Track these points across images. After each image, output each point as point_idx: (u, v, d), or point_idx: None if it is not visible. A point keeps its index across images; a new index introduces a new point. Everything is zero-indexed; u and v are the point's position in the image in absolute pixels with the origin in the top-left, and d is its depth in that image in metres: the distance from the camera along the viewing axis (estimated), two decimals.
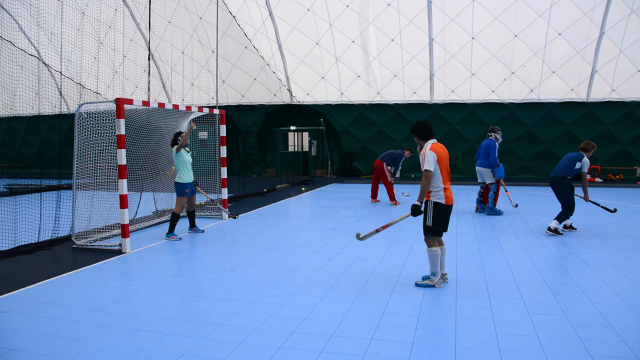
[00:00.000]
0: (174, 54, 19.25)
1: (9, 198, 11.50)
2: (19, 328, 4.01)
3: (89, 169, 7.57)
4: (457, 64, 17.72)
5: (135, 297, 4.90)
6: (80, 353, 3.54)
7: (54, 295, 4.91)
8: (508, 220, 9.16)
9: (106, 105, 7.55)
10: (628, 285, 5.10)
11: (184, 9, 17.96)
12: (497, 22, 16.71)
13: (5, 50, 10.68)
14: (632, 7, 15.56)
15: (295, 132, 21.68)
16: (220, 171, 9.88)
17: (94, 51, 17.20)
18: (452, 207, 5.06)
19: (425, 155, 4.83)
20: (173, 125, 9.68)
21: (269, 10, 18.37)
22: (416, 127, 5.02)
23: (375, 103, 19.20)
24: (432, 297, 4.76)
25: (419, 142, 5.06)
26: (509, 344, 3.65)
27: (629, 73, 16.50)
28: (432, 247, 4.98)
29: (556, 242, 7.26)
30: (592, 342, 3.63)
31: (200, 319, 4.20)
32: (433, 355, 3.49)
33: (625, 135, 17.04)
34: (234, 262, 6.19)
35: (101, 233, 7.75)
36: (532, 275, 5.50)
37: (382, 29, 17.96)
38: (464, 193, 13.72)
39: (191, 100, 20.07)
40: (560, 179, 7.88)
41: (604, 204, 8.96)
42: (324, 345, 3.65)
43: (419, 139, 5.02)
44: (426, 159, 4.83)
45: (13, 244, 7.07)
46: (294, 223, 9.34)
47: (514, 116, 17.82)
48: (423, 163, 4.87)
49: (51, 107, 18.87)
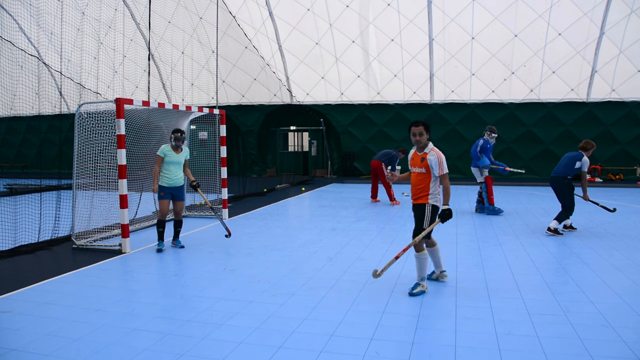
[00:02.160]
0: (174, 54, 19.25)
1: (9, 198, 11.49)
2: (19, 328, 4.01)
3: (89, 169, 7.57)
4: (457, 64, 17.72)
5: (135, 297, 4.89)
6: (80, 353, 3.54)
7: (54, 295, 4.91)
8: (508, 220, 9.16)
9: (106, 105, 7.55)
10: (628, 285, 5.10)
11: (184, 9, 17.96)
12: (497, 22, 16.71)
13: (5, 50, 10.68)
14: (632, 7, 15.56)
15: (295, 132, 21.68)
16: (220, 171, 9.88)
17: (94, 51, 17.20)
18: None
19: (441, 159, 4.70)
20: (173, 125, 9.68)
21: (269, 10, 18.37)
22: (427, 124, 4.84)
23: (375, 103, 19.21)
24: (432, 297, 4.76)
25: (422, 141, 4.77)
26: (509, 344, 3.65)
27: (629, 73, 16.50)
28: (421, 251, 4.84)
29: (556, 242, 7.25)
30: (592, 342, 3.63)
31: (200, 319, 4.20)
32: (433, 355, 3.48)
33: (625, 135, 17.04)
34: (234, 262, 6.19)
35: (101, 233, 7.74)
36: (532, 275, 5.50)
37: (382, 29, 17.96)
38: (464, 193, 13.72)
39: (191, 100, 20.07)
40: (560, 179, 7.88)
41: (603, 204, 8.96)
42: (324, 345, 3.65)
43: (427, 138, 4.81)
44: (443, 163, 4.71)
45: (13, 244, 7.06)
46: (294, 223, 9.34)
47: (514, 116, 17.82)
48: (440, 166, 4.68)
49: (51, 107, 18.88)
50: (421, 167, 4.79)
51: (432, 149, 4.79)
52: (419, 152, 4.86)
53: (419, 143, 4.82)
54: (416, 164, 4.84)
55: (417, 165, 4.82)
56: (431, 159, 4.73)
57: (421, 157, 4.79)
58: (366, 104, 19.30)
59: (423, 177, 4.82)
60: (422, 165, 4.77)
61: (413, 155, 4.94)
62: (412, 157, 4.95)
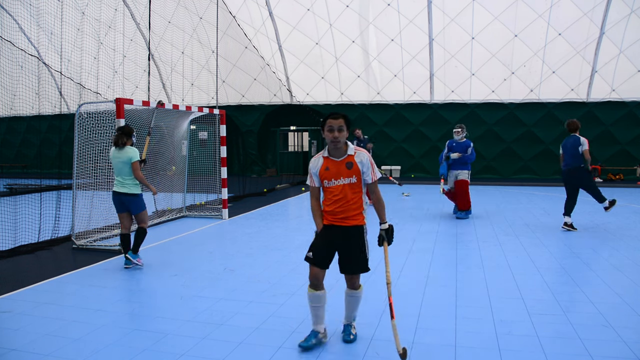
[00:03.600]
0: (174, 54, 19.25)
1: (9, 198, 11.49)
2: (19, 328, 4.01)
3: (89, 169, 7.57)
4: (457, 64, 17.72)
5: (135, 297, 4.89)
6: (80, 353, 3.54)
7: (54, 295, 4.91)
8: (508, 220, 9.16)
9: (106, 105, 7.55)
10: (628, 285, 5.09)
11: (184, 9, 17.96)
12: (497, 22, 16.71)
13: (5, 50, 10.68)
14: (632, 7, 15.56)
15: (295, 132, 21.69)
16: (220, 171, 9.89)
17: (94, 51, 17.20)
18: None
19: (371, 159, 3.59)
20: (173, 125, 9.68)
21: (269, 10, 18.37)
22: (349, 118, 3.57)
23: (375, 103, 19.21)
24: (432, 297, 4.76)
25: (342, 140, 3.49)
26: (509, 344, 3.64)
27: (629, 73, 16.50)
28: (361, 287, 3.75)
29: (556, 242, 7.25)
30: (592, 342, 3.63)
31: (200, 319, 4.20)
32: (433, 355, 3.48)
33: (625, 135, 17.04)
34: (234, 262, 6.19)
35: (101, 233, 7.75)
36: (532, 275, 5.50)
37: (382, 29, 17.96)
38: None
39: (191, 100, 20.07)
40: (576, 169, 7.89)
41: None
42: (324, 345, 3.65)
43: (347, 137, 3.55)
44: (375, 167, 3.60)
45: (13, 244, 7.06)
46: (294, 223, 9.34)
47: (514, 116, 17.82)
48: (374, 169, 3.57)
49: (51, 107, 18.87)
50: (351, 175, 3.52)
51: (355, 149, 3.59)
52: (336, 158, 3.54)
53: (337, 143, 3.49)
54: (342, 174, 3.52)
55: (344, 174, 3.52)
56: (362, 161, 3.54)
57: (347, 162, 3.53)
58: (366, 104, 19.30)
59: (356, 188, 3.56)
60: (352, 173, 3.52)
61: (326, 164, 3.55)
62: (324, 167, 3.55)
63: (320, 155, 3.64)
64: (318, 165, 3.61)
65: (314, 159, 3.66)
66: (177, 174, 10.53)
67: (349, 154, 3.56)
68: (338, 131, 3.47)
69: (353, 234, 3.60)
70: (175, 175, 10.52)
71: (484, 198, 12.56)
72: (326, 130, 3.50)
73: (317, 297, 3.57)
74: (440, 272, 5.67)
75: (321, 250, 3.57)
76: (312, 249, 3.59)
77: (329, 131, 3.48)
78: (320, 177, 3.60)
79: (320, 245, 3.59)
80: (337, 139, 3.47)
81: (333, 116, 3.49)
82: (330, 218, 3.62)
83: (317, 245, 3.61)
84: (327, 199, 3.64)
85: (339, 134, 3.47)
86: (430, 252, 6.67)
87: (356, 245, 3.61)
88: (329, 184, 3.57)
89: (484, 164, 18.15)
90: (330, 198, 3.59)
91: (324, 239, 3.61)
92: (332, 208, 3.58)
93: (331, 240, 3.60)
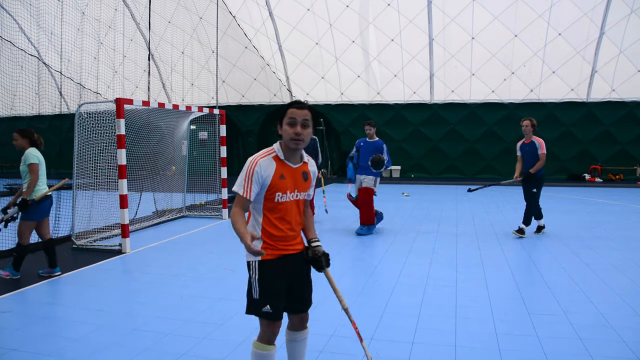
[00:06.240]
0: (174, 54, 19.25)
1: (9, 198, 11.47)
2: (19, 328, 4.01)
3: (89, 169, 7.58)
4: (457, 64, 17.72)
5: (135, 297, 4.89)
6: (80, 353, 3.54)
7: (54, 295, 4.91)
8: (508, 220, 9.16)
9: (106, 105, 7.55)
10: (628, 285, 5.10)
11: (184, 9, 17.97)
12: (497, 22, 16.70)
13: (5, 50, 10.68)
14: (632, 7, 15.55)
15: None
16: (220, 171, 9.89)
17: (94, 51, 17.19)
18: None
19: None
20: (173, 125, 9.69)
21: (269, 10, 18.37)
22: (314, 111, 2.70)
23: (375, 103, 19.21)
24: (432, 297, 4.76)
25: (307, 139, 2.58)
26: (509, 344, 3.65)
27: (629, 73, 16.49)
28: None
29: (556, 242, 7.25)
30: (592, 342, 3.63)
31: (200, 319, 4.20)
32: (433, 355, 3.48)
33: (625, 135, 17.03)
34: (234, 262, 6.19)
35: (101, 233, 7.75)
36: (532, 275, 5.50)
37: (382, 29, 17.96)
38: (464, 194, 13.71)
39: (191, 100, 20.07)
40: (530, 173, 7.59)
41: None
42: (324, 345, 3.65)
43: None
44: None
45: (13, 244, 7.05)
46: None
47: (513, 116, 17.81)
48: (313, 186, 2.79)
49: (51, 107, 18.86)
50: (306, 189, 2.70)
51: (306, 155, 2.75)
52: (292, 164, 2.62)
53: (299, 143, 2.54)
54: (298, 186, 2.63)
55: (301, 187, 2.65)
56: (315, 171, 2.77)
57: (302, 172, 2.66)
58: (366, 104, 19.30)
59: (305, 205, 2.79)
60: (308, 186, 2.70)
61: (281, 170, 2.56)
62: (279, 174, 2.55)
63: (269, 156, 2.57)
64: (270, 169, 2.53)
65: (262, 159, 2.54)
66: (177, 174, 10.54)
67: (304, 161, 2.68)
68: (302, 126, 2.51)
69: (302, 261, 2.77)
70: (175, 175, 10.53)
71: (480, 197, 12.55)
72: (285, 122, 2.52)
73: (271, 356, 2.67)
74: (440, 272, 5.66)
75: (278, 297, 2.63)
76: (267, 298, 2.58)
77: (290, 125, 2.51)
78: (270, 188, 2.53)
79: (276, 290, 2.61)
80: (300, 137, 2.52)
81: (297, 105, 2.54)
82: (281, 246, 2.62)
83: (271, 290, 2.60)
84: (271, 219, 2.59)
85: (302, 129, 2.51)
86: (430, 252, 6.67)
87: (307, 273, 2.84)
88: (282, 198, 2.57)
89: (484, 164, 18.15)
90: (281, 218, 2.59)
91: (279, 280, 2.63)
92: (283, 233, 2.61)
93: (285, 277, 2.65)
